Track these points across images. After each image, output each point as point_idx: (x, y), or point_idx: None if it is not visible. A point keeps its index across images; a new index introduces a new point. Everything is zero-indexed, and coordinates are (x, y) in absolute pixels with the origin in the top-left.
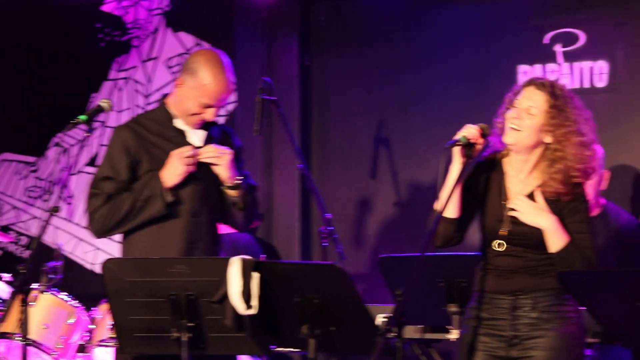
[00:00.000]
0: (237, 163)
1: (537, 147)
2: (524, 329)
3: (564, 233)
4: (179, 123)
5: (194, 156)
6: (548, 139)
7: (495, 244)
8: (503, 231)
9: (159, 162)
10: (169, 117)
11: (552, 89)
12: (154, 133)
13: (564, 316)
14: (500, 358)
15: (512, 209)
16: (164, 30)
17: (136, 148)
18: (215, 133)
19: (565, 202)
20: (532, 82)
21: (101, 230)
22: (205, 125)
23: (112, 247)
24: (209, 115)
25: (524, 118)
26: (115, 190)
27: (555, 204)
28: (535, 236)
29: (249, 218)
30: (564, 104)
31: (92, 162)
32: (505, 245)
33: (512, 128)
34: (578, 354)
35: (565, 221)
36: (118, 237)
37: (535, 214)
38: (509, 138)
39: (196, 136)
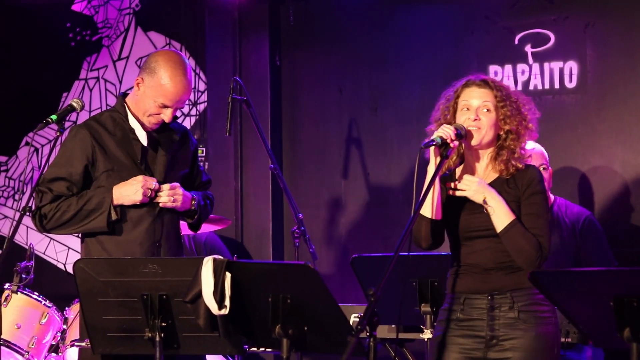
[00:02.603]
0: (194, 160)
1: (494, 141)
2: (501, 329)
3: (509, 212)
4: (132, 121)
5: (156, 190)
6: (507, 127)
7: (467, 238)
8: (473, 220)
9: (115, 162)
10: (125, 116)
11: (493, 83)
12: (111, 132)
13: (540, 316)
14: (476, 359)
15: (461, 190)
16: (134, 30)
17: (93, 149)
18: (177, 133)
19: (522, 188)
20: (471, 83)
21: (42, 228)
22: (164, 123)
23: None
24: (166, 116)
25: (481, 117)
26: (65, 191)
27: (512, 188)
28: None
29: (200, 220)
30: (507, 94)
31: None
32: (477, 239)
33: (474, 129)
34: (555, 354)
35: (521, 204)
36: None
37: (477, 191)
38: (474, 140)
39: (143, 135)
